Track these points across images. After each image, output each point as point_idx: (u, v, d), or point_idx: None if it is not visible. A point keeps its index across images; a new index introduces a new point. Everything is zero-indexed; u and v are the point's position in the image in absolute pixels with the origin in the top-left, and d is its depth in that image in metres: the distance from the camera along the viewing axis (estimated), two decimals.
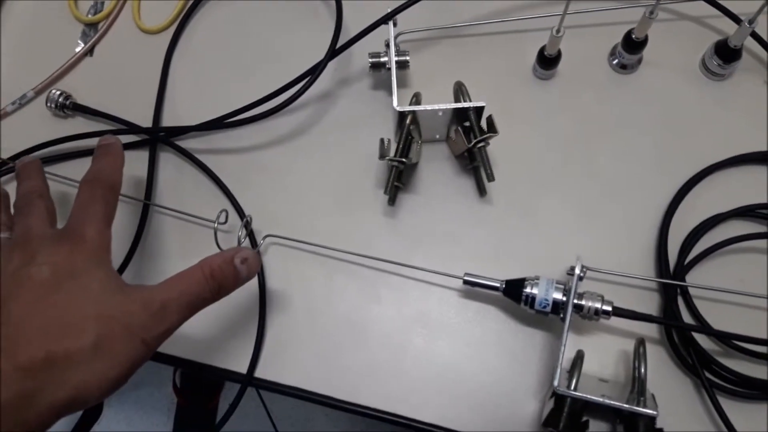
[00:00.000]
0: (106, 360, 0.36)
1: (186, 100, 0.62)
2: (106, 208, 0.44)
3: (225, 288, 0.42)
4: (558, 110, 0.57)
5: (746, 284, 0.51)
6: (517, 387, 0.50)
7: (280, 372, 0.52)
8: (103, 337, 0.36)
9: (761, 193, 0.53)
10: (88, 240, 0.41)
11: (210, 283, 0.41)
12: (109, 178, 0.46)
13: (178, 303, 0.39)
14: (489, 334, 0.51)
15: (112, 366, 0.36)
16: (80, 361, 0.35)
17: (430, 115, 0.52)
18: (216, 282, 0.41)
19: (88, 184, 0.45)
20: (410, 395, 0.50)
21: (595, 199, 0.55)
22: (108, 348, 0.36)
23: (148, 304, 0.38)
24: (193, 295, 0.40)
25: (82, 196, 0.44)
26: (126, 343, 0.37)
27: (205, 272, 0.41)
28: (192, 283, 0.40)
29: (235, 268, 0.42)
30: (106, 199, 0.44)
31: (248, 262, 0.42)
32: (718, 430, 0.48)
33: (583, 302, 0.46)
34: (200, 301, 0.41)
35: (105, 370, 0.36)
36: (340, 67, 0.60)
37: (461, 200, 0.55)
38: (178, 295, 0.39)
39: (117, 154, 0.48)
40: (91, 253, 0.40)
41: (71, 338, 0.36)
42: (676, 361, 0.50)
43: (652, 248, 0.53)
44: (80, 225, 0.42)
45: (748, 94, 0.57)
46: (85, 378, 0.35)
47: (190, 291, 0.40)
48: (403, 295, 0.53)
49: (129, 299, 0.38)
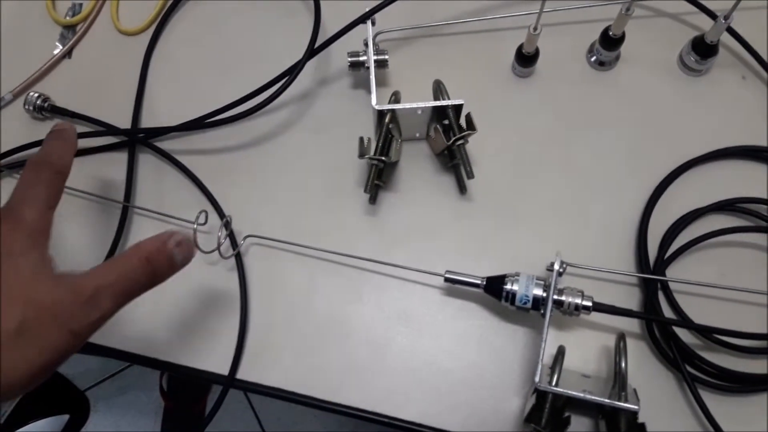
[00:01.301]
0: (28, 348, 0.34)
1: (165, 102, 0.61)
2: (50, 190, 0.41)
3: (160, 274, 0.40)
4: (537, 108, 0.58)
5: (726, 278, 0.51)
6: (500, 383, 0.50)
7: (262, 373, 0.52)
8: (27, 323, 0.34)
9: (740, 187, 0.53)
10: (26, 221, 0.39)
11: (146, 268, 0.39)
12: (57, 161, 0.44)
13: (112, 290, 0.37)
14: (471, 331, 0.51)
15: (36, 354, 0.34)
16: (2, 344, 0.33)
17: (409, 113, 0.52)
18: (151, 266, 0.39)
19: (34, 165, 0.42)
20: (392, 394, 0.50)
21: (574, 195, 0.55)
22: (32, 334, 0.34)
23: (79, 292, 0.36)
24: (128, 281, 0.38)
25: (25, 176, 0.42)
26: (52, 331, 0.35)
27: (140, 256, 0.39)
28: (126, 269, 0.38)
29: (170, 252, 0.40)
30: (51, 182, 0.42)
31: (182, 245, 0.41)
32: (699, 423, 0.48)
33: (563, 298, 0.46)
34: (135, 287, 0.39)
35: (26, 359, 0.34)
36: (319, 66, 0.60)
37: (442, 198, 0.55)
38: (112, 281, 0.37)
39: (68, 139, 0.46)
40: (27, 236, 0.38)
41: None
42: (657, 356, 0.50)
43: (632, 243, 0.53)
44: (19, 205, 0.40)
45: (725, 89, 0.57)
46: (5, 364, 0.33)
47: (124, 277, 0.38)
48: (384, 294, 0.53)
49: (60, 286, 0.36)
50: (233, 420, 1.43)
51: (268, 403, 1.45)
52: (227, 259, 0.54)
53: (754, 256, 0.52)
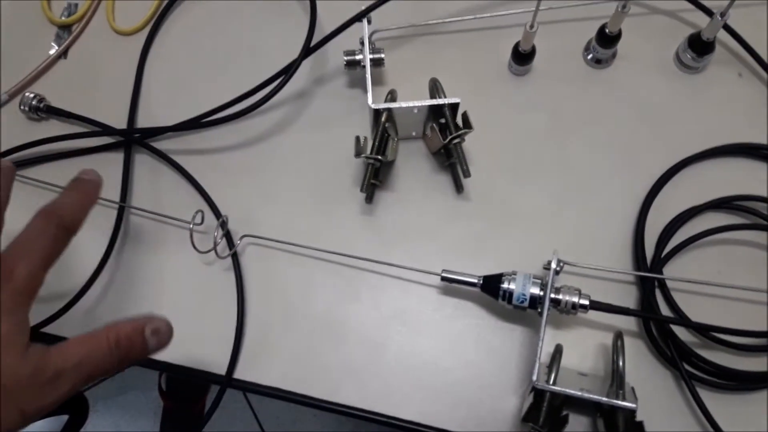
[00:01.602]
0: None
1: (161, 101, 0.61)
2: (52, 247, 0.39)
3: (129, 359, 0.38)
4: (534, 106, 0.57)
5: (723, 276, 0.51)
6: (497, 382, 0.50)
7: (259, 373, 0.52)
8: None
9: (737, 184, 0.53)
10: (15, 279, 0.36)
11: (114, 354, 0.37)
12: (70, 216, 0.41)
13: (75, 372, 0.36)
14: (468, 331, 0.51)
15: None
16: None
17: (405, 112, 0.51)
18: (121, 352, 0.37)
19: (44, 216, 0.40)
20: (390, 393, 0.50)
21: (571, 193, 0.55)
22: None
23: (40, 371, 0.34)
24: (93, 366, 0.36)
25: (31, 227, 0.39)
26: (1, 410, 0.33)
27: (110, 340, 0.37)
28: (94, 351, 0.37)
29: (144, 340, 0.38)
30: (56, 238, 0.39)
31: (159, 333, 0.39)
32: (697, 421, 0.48)
33: (560, 296, 0.46)
34: (100, 372, 0.37)
35: None
36: (315, 65, 0.60)
37: (439, 197, 0.55)
38: (76, 363, 0.36)
39: (89, 192, 0.43)
40: (11, 295, 0.36)
41: None
42: (655, 354, 0.50)
43: (630, 242, 0.53)
44: (15, 260, 0.37)
45: (722, 86, 0.57)
46: None
47: (90, 361, 0.36)
48: (381, 293, 0.53)
49: (24, 362, 0.34)
50: (232, 420, 1.43)
51: (266, 402, 1.44)
52: (224, 259, 0.54)
53: (751, 254, 0.52)
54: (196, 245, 0.52)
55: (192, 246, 0.51)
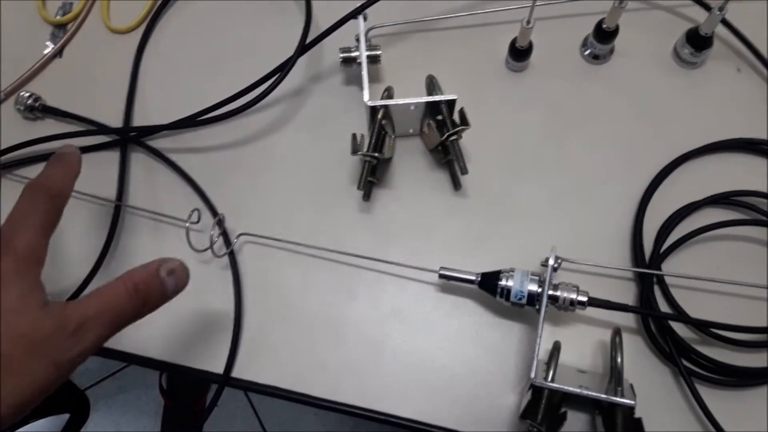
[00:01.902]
0: (7, 381, 0.33)
1: (157, 100, 0.61)
2: (47, 216, 0.40)
3: (150, 303, 0.39)
4: (531, 102, 0.57)
5: (722, 271, 0.51)
6: (496, 380, 0.50)
7: (257, 371, 0.51)
8: (8, 357, 0.33)
9: (735, 180, 0.53)
10: (18, 249, 0.37)
11: (133, 299, 0.38)
12: (56, 185, 0.42)
13: (98, 321, 0.36)
14: (466, 328, 0.51)
15: (15, 388, 0.33)
16: None
17: (402, 109, 0.51)
18: (140, 297, 0.38)
19: (31, 190, 0.41)
20: (388, 391, 0.50)
21: (569, 190, 0.54)
22: (12, 369, 0.33)
23: (64, 324, 0.35)
24: (115, 313, 0.37)
25: (21, 202, 0.40)
26: (33, 365, 0.34)
27: (128, 286, 0.38)
28: (114, 299, 0.37)
29: (161, 281, 0.39)
30: (47, 207, 0.40)
31: (175, 273, 0.40)
32: (696, 417, 0.48)
33: (558, 293, 0.46)
34: (123, 319, 0.38)
35: (9, 392, 0.33)
36: (311, 63, 0.60)
37: (436, 194, 0.55)
38: (98, 312, 0.36)
39: (71, 163, 0.44)
40: (17, 263, 0.36)
41: None
42: (653, 350, 0.50)
43: (628, 238, 0.53)
44: (12, 232, 0.38)
45: (720, 81, 0.57)
46: None
47: (111, 308, 0.37)
48: (379, 291, 0.53)
49: (46, 317, 0.35)
50: (233, 418, 1.43)
51: (267, 401, 1.44)
52: (221, 258, 0.54)
53: (749, 250, 0.52)
54: (192, 244, 0.52)
55: (189, 245, 0.51)
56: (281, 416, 1.44)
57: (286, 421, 1.44)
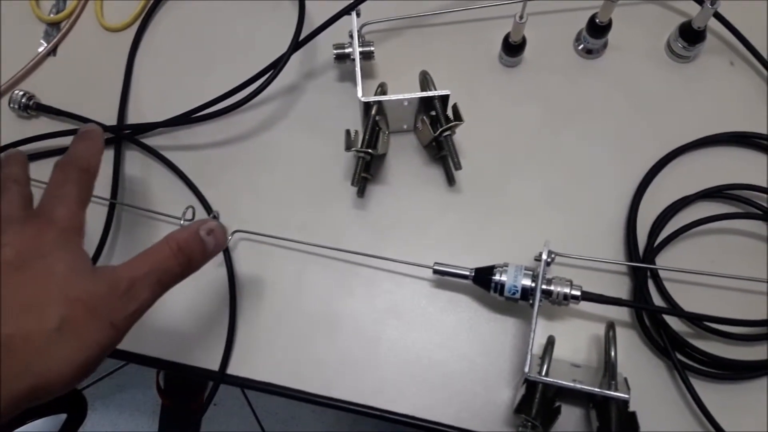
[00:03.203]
0: (71, 344, 0.34)
1: (151, 98, 0.61)
2: (80, 189, 0.41)
3: (194, 261, 0.40)
4: (525, 97, 0.57)
5: (716, 265, 0.51)
6: (491, 375, 0.50)
7: (253, 368, 0.51)
8: (67, 320, 0.34)
9: (729, 173, 0.53)
10: (57, 221, 0.38)
11: (178, 257, 0.39)
12: (84, 160, 0.43)
13: (147, 281, 0.38)
14: (461, 323, 0.51)
15: (79, 350, 0.34)
16: (42, 345, 0.33)
17: (395, 105, 0.51)
18: (184, 255, 0.39)
19: (61, 167, 0.42)
20: (384, 387, 0.50)
21: (563, 184, 0.55)
22: (73, 331, 0.34)
23: (115, 285, 0.36)
24: (162, 271, 0.39)
25: (54, 178, 0.42)
26: (93, 326, 0.35)
27: (171, 246, 0.39)
28: (160, 259, 0.39)
29: (201, 240, 0.41)
30: (80, 181, 0.42)
31: (214, 232, 0.41)
32: (690, 411, 0.48)
33: (552, 288, 0.46)
34: (170, 277, 0.39)
35: (70, 355, 0.34)
36: (305, 59, 0.60)
37: (431, 190, 0.55)
38: (147, 272, 0.38)
39: (95, 139, 0.45)
40: (59, 234, 0.38)
41: (33, 321, 0.34)
42: (648, 344, 0.50)
43: (622, 232, 0.53)
44: (50, 206, 0.40)
45: (713, 75, 0.57)
46: (48, 364, 0.33)
47: (158, 267, 0.38)
48: (374, 287, 0.53)
49: (95, 280, 0.36)
50: (230, 416, 1.43)
51: (264, 399, 1.45)
52: None
53: (744, 243, 0.52)
54: None
55: None
56: (279, 415, 1.44)
57: (284, 419, 1.44)
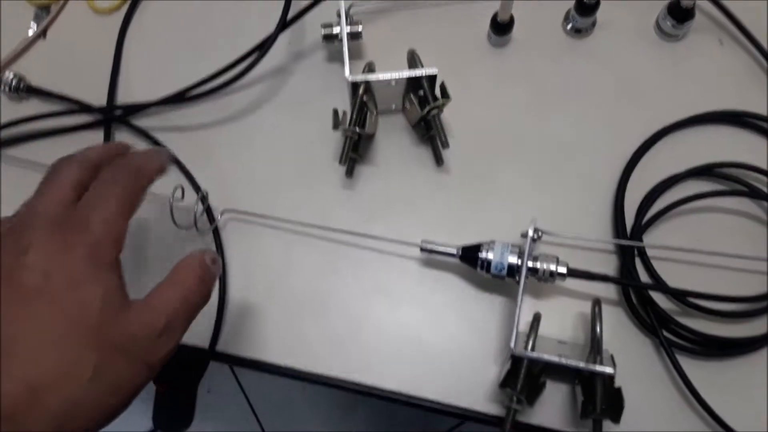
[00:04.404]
0: (103, 390, 0.32)
1: (140, 80, 0.61)
2: (126, 195, 0.37)
3: (210, 291, 0.38)
4: (513, 77, 0.57)
5: (703, 243, 0.51)
6: (478, 352, 0.50)
7: (242, 345, 0.52)
8: (102, 367, 0.31)
9: (718, 152, 0.53)
10: (93, 231, 0.34)
11: (201, 290, 0.37)
12: (141, 166, 0.39)
13: (181, 318, 0.36)
14: (449, 302, 0.51)
15: (112, 395, 0.32)
16: (72, 395, 0.31)
17: (383, 84, 0.51)
18: (206, 287, 0.38)
19: (114, 165, 0.38)
20: (372, 364, 0.50)
21: (552, 163, 0.55)
22: (107, 379, 0.32)
23: (152, 325, 0.34)
24: (191, 304, 0.36)
25: (100, 177, 0.37)
26: (128, 370, 0.33)
27: (197, 274, 0.37)
28: (189, 292, 0.36)
29: (212, 271, 0.38)
30: (129, 186, 0.37)
31: (217, 262, 0.39)
32: (677, 388, 0.48)
33: (538, 264, 0.46)
34: (196, 309, 0.37)
35: (102, 402, 0.32)
36: (294, 40, 0.60)
37: (419, 170, 0.55)
38: (178, 307, 0.36)
39: (160, 155, 0.42)
40: (91, 251, 0.33)
41: (63, 365, 0.31)
42: (634, 322, 0.50)
43: (611, 211, 0.53)
44: (87, 210, 0.35)
45: (702, 54, 0.57)
46: (77, 413, 0.31)
47: (188, 301, 0.36)
48: (363, 266, 0.53)
49: (131, 320, 0.34)
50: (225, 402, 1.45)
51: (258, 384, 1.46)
52: (205, 235, 0.54)
53: (731, 221, 0.52)
54: (176, 221, 0.52)
55: (173, 222, 0.51)
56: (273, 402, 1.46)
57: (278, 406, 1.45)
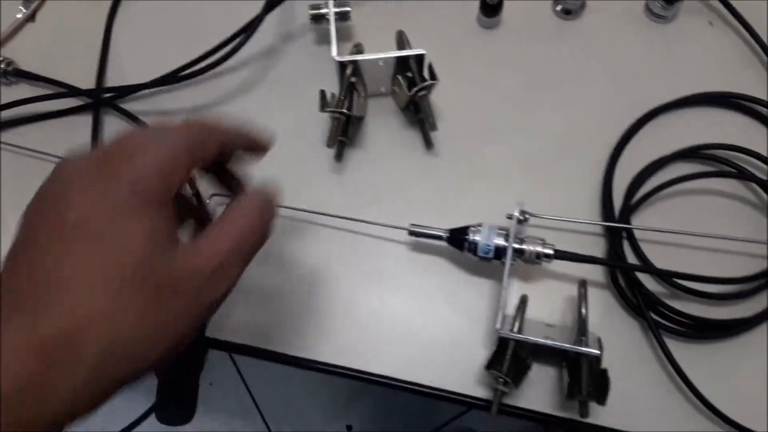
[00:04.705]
0: (150, 332, 0.29)
1: (129, 63, 0.61)
2: (189, 140, 0.33)
3: (268, 233, 0.35)
4: (503, 59, 0.57)
5: (691, 225, 0.50)
6: (468, 336, 0.50)
7: (231, 331, 0.52)
8: (148, 308, 0.29)
9: (707, 134, 0.53)
10: (139, 164, 0.31)
11: (260, 227, 0.34)
12: (218, 126, 0.36)
13: (237, 260, 0.33)
14: (438, 286, 0.51)
15: (159, 337, 0.30)
16: (119, 334, 0.28)
17: (371, 65, 0.51)
18: (264, 224, 0.35)
19: (187, 120, 0.35)
20: (362, 349, 0.50)
21: (541, 146, 0.54)
22: (154, 319, 0.29)
23: (202, 267, 0.31)
24: (248, 245, 0.34)
25: (167, 123, 0.35)
26: (176, 313, 0.30)
27: (250, 215, 0.34)
28: (241, 232, 0.33)
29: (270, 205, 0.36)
30: (197, 135, 0.34)
31: (278, 196, 0.37)
32: (665, 370, 0.48)
33: (524, 246, 0.46)
34: (253, 249, 0.34)
35: (150, 344, 0.29)
36: (282, 21, 0.59)
37: (408, 153, 0.55)
38: (232, 247, 0.33)
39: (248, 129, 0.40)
40: (137, 185, 0.30)
41: (108, 306, 0.28)
42: (622, 304, 0.50)
43: (599, 194, 0.53)
44: (140, 145, 0.32)
45: (692, 35, 0.57)
46: (123, 354, 0.28)
47: (241, 239, 0.33)
48: (353, 251, 0.53)
49: (180, 262, 0.31)
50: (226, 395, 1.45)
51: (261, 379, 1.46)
52: None
53: (719, 203, 0.52)
54: None
55: None
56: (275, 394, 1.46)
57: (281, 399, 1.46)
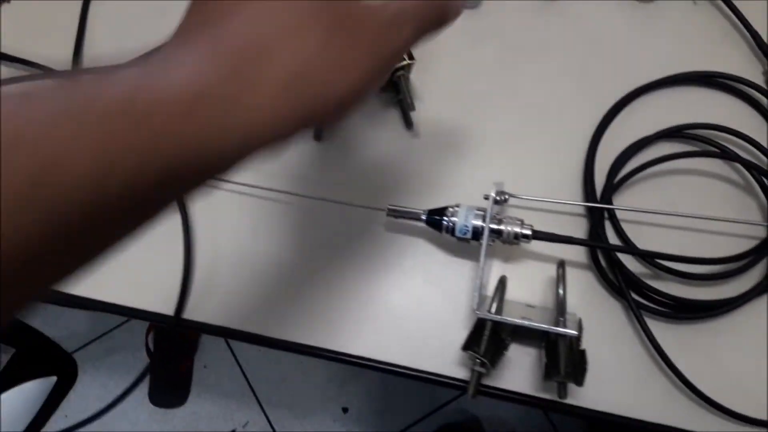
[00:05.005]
0: (332, 65, 0.27)
1: (106, 44, 0.60)
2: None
3: (447, 16, 0.32)
4: (483, 37, 0.56)
5: (675, 205, 0.50)
6: (447, 317, 0.49)
7: (209, 313, 0.51)
8: (329, 40, 0.27)
9: (690, 113, 0.52)
10: None
11: (437, 7, 0.32)
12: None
13: (411, 22, 0.30)
14: (417, 267, 0.51)
15: (342, 73, 0.28)
16: (302, 60, 0.26)
17: None
18: (442, 8, 0.32)
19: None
20: (339, 330, 0.50)
21: (522, 125, 0.54)
22: (335, 53, 0.27)
23: (378, 12, 0.29)
24: (423, 15, 0.31)
25: None
26: (355, 53, 0.28)
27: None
28: (424, 5, 0.31)
29: None
30: None
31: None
32: (646, 351, 0.48)
33: (502, 227, 0.46)
34: (427, 24, 0.31)
35: (332, 78, 0.27)
36: None
37: (389, 134, 0.54)
38: (409, 12, 0.30)
39: None
40: None
41: (290, 31, 0.26)
42: (604, 285, 0.50)
43: (581, 175, 0.52)
44: None
45: (675, 14, 0.56)
46: (306, 83, 0.27)
47: (423, 10, 0.31)
48: (330, 232, 0.52)
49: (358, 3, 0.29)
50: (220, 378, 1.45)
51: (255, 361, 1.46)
52: None
53: (702, 183, 0.52)
54: None
55: None
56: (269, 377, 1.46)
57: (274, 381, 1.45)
